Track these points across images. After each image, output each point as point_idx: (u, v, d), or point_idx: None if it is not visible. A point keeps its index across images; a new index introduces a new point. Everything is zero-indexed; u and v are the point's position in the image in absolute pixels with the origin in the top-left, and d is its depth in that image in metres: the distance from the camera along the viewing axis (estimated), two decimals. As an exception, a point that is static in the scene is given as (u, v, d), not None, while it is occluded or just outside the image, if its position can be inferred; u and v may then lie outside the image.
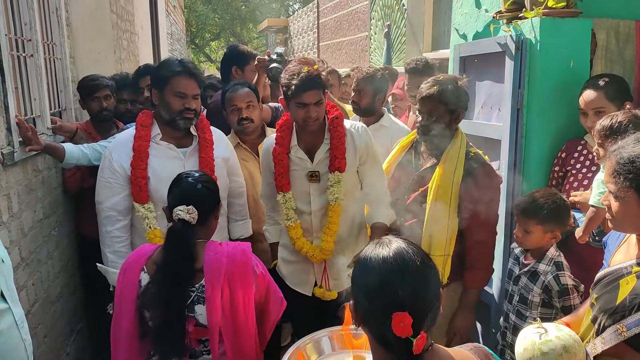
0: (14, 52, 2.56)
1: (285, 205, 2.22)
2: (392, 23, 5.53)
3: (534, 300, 2.00)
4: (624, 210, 1.33)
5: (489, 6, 2.67)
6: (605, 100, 2.10)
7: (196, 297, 1.60)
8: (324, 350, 1.55)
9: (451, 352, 1.07)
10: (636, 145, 1.31)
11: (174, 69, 2.19)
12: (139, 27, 6.50)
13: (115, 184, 2.19)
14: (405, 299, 0.96)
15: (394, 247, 1.01)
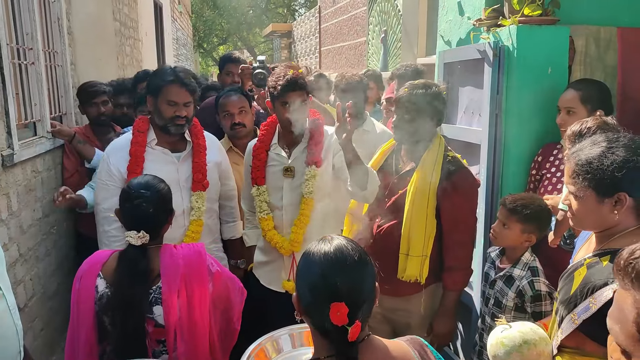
0: (16, 60, 2.69)
1: (259, 198, 2.33)
2: (388, 29, 5.63)
3: (508, 305, 2.04)
4: (583, 208, 1.39)
5: (471, 14, 2.74)
6: (578, 102, 2.16)
7: (154, 298, 1.68)
8: (283, 348, 1.61)
9: (387, 343, 1.14)
10: (592, 147, 1.37)
11: (166, 78, 2.27)
12: (143, 33, 6.64)
13: (112, 186, 2.28)
14: (342, 290, 1.04)
15: (335, 244, 1.10)
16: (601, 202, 1.34)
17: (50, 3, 3.30)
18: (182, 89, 2.27)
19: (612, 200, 1.33)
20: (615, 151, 1.32)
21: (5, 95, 2.40)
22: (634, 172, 1.29)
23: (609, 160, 1.31)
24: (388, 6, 5.64)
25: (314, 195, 2.28)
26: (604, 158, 1.32)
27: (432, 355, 1.18)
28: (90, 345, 1.67)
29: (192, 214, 2.33)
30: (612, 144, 1.34)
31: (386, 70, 5.56)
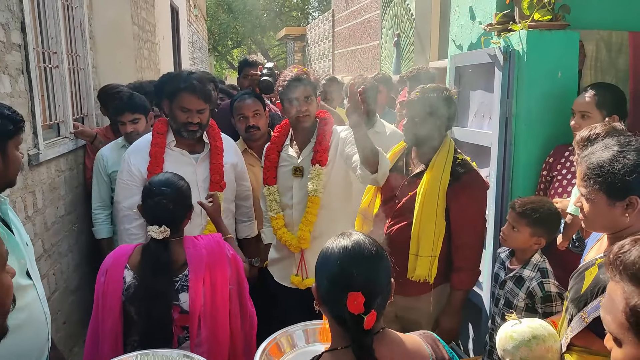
0: (41, 64, 2.80)
1: (269, 198, 2.42)
2: (401, 32, 5.68)
3: (519, 305, 2.06)
4: (595, 211, 1.42)
5: (482, 18, 2.79)
6: (593, 106, 2.17)
7: (180, 286, 1.77)
8: (297, 343, 1.68)
9: (402, 337, 1.20)
10: (604, 151, 1.40)
11: (181, 85, 2.32)
12: (160, 37, 6.78)
13: (132, 185, 2.36)
14: (359, 280, 1.10)
15: (353, 238, 1.17)
16: (612, 205, 1.37)
17: (74, 8, 3.42)
18: (195, 96, 2.32)
19: (623, 203, 1.35)
20: (626, 155, 1.35)
21: (32, 97, 2.51)
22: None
23: (620, 164, 1.33)
24: (401, 10, 5.69)
25: (320, 193, 2.35)
26: (615, 162, 1.35)
27: (444, 350, 1.23)
28: (116, 335, 1.75)
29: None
30: (624, 148, 1.37)
31: (399, 73, 5.61)
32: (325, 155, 2.34)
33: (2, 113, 1.55)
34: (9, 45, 2.33)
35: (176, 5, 8.91)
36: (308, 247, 2.40)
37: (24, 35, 2.47)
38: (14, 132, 1.57)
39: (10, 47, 2.35)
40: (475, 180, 2.27)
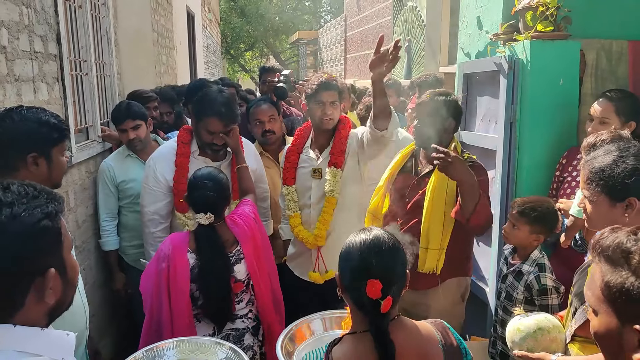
0: (73, 72, 3.00)
1: (288, 197, 2.57)
2: (412, 38, 5.82)
3: (518, 298, 2.19)
4: (597, 212, 1.51)
5: (489, 28, 2.93)
6: (612, 112, 2.24)
7: (235, 259, 2.08)
8: (315, 330, 1.85)
9: (416, 323, 1.34)
10: (605, 156, 1.50)
11: (208, 111, 2.39)
12: (177, 42, 6.99)
13: (158, 191, 2.48)
14: (377, 269, 1.25)
15: (373, 233, 1.33)
16: (613, 205, 1.46)
17: (101, 18, 3.62)
18: (222, 122, 2.41)
19: (623, 204, 1.45)
20: (626, 160, 1.45)
21: (65, 104, 2.70)
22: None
23: (620, 168, 1.44)
24: (412, 17, 5.83)
25: (337, 194, 2.49)
26: (616, 166, 1.45)
27: (453, 336, 1.36)
28: (189, 313, 1.98)
29: None
30: (624, 153, 1.47)
31: (410, 77, 5.75)
32: (341, 157, 2.48)
33: (49, 122, 1.65)
34: (46, 55, 2.52)
35: (192, 11, 9.14)
36: (324, 245, 2.55)
37: (59, 46, 2.66)
38: (59, 140, 1.68)
39: (48, 57, 2.54)
40: (480, 171, 2.35)
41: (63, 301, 1.01)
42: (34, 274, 0.93)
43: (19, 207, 0.91)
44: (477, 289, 2.90)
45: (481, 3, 3.01)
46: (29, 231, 0.91)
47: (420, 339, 1.31)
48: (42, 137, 1.61)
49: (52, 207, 0.97)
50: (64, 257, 0.99)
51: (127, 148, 2.95)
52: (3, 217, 0.89)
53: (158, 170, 2.48)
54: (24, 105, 1.70)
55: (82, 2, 3.18)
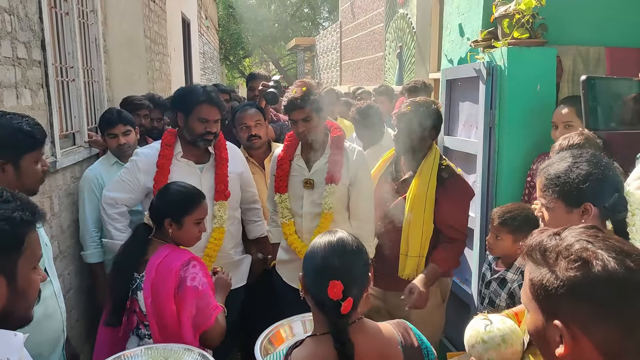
0: (59, 78, 3.03)
1: (281, 205, 2.55)
2: (403, 45, 5.86)
3: (501, 304, 2.19)
4: (554, 218, 1.49)
5: (470, 35, 2.96)
6: (574, 116, 2.33)
7: (137, 284, 1.93)
8: (295, 332, 1.87)
9: (378, 325, 1.36)
10: (560, 163, 1.52)
11: (199, 97, 2.45)
12: (172, 49, 7.03)
13: (128, 185, 2.49)
14: (339, 271, 1.27)
15: (337, 235, 1.35)
16: (570, 212, 1.47)
17: (89, 25, 3.66)
18: (213, 107, 2.47)
19: (579, 210, 1.45)
20: (579, 165, 1.46)
21: (50, 109, 2.73)
22: (596, 183, 1.42)
23: (574, 174, 1.45)
24: (403, 24, 5.88)
25: (334, 210, 2.49)
26: (570, 172, 1.46)
27: (414, 337, 1.38)
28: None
29: (214, 222, 2.51)
30: (577, 160, 1.49)
31: (401, 83, 5.79)
32: (339, 175, 2.47)
33: (21, 129, 1.62)
34: (30, 62, 2.55)
35: (187, 18, 9.20)
36: None
37: (43, 52, 2.69)
38: (30, 148, 1.64)
39: (32, 63, 2.57)
40: (459, 185, 2.45)
41: (10, 311, 1.00)
42: None
43: None
44: (460, 290, 2.92)
45: (463, 10, 3.05)
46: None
47: (381, 341, 1.33)
48: (9, 144, 1.60)
49: (19, 214, 0.99)
50: (17, 266, 0.99)
51: (112, 155, 2.91)
52: None
53: (140, 168, 2.49)
54: (6, 111, 1.70)
55: (69, 9, 3.22)
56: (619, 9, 2.71)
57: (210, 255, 2.51)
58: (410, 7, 5.67)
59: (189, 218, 1.99)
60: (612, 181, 1.45)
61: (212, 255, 2.51)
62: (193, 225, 2.01)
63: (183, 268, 1.89)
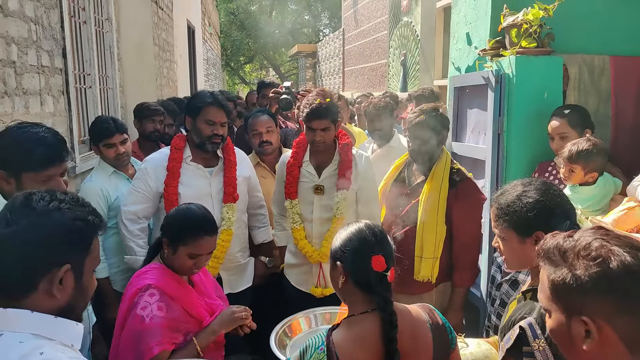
0: (77, 85, 3.11)
1: (292, 211, 2.61)
2: (407, 52, 5.96)
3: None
4: (508, 249, 1.50)
5: (477, 44, 3.04)
6: (568, 127, 2.43)
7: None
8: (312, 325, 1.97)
9: (406, 307, 1.45)
10: (510, 192, 1.54)
11: (206, 100, 2.50)
12: (178, 55, 7.14)
13: (143, 194, 2.49)
14: (377, 246, 1.40)
15: (362, 222, 1.48)
16: (522, 241, 1.46)
17: (104, 33, 3.74)
18: (220, 110, 2.51)
19: (532, 239, 1.44)
20: (528, 193, 1.47)
21: (70, 116, 2.81)
22: (544, 211, 1.42)
23: (522, 202, 1.44)
24: (407, 31, 5.98)
25: (345, 215, 2.56)
26: (519, 200, 1.46)
27: (439, 317, 1.48)
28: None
29: (222, 224, 2.53)
30: (526, 188, 1.50)
31: (405, 91, 5.88)
32: (349, 181, 2.55)
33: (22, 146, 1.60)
34: (52, 69, 2.63)
35: (192, 25, 9.31)
36: (326, 262, 2.61)
37: (64, 60, 2.78)
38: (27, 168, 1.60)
39: (54, 71, 2.65)
40: (470, 188, 2.52)
41: (73, 306, 1.07)
42: (53, 262, 1.03)
43: (66, 204, 1.07)
44: (470, 294, 2.98)
45: (470, 20, 3.13)
46: (65, 223, 1.05)
47: (411, 320, 1.42)
48: (8, 158, 1.61)
49: (92, 218, 1.10)
50: (84, 264, 1.08)
51: (108, 165, 2.74)
52: (51, 205, 1.06)
53: (149, 174, 2.49)
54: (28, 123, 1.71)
55: (87, 18, 3.31)
56: (623, 18, 2.79)
57: (218, 257, 2.54)
58: (414, 15, 5.77)
59: (183, 248, 1.83)
60: (561, 209, 1.45)
61: (219, 257, 2.55)
62: (186, 257, 1.84)
63: (139, 293, 1.79)
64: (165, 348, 1.74)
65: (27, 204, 1.06)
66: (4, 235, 1.02)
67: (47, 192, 1.10)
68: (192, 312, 1.84)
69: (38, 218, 1.04)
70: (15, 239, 1.01)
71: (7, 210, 1.05)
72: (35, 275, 1.02)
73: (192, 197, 2.43)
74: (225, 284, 2.63)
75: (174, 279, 1.86)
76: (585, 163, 2.21)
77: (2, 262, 1.01)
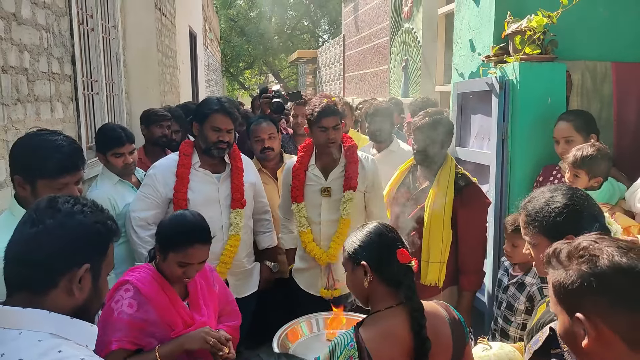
0: (85, 91, 3.14)
1: (299, 214, 2.64)
2: (409, 58, 6.00)
3: (519, 308, 2.26)
4: (539, 255, 1.46)
5: (481, 50, 3.08)
6: (573, 131, 2.47)
7: None
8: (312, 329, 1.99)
9: (424, 303, 1.49)
10: (539, 198, 1.55)
11: (213, 107, 2.51)
12: (180, 62, 7.18)
13: (153, 200, 2.49)
14: (398, 240, 1.49)
15: (374, 223, 1.54)
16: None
17: (111, 40, 3.78)
18: (226, 117, 2.52)
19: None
20: (556, 198, 1.50)
21: (79, 122, 2.84)
22: (573, 214, 1.45)
23: (551, 208, 1.47)
24: (409, 37, 6.03)
25: (352, 215, 2.59)
26: (547, 206, 1.48)
27: (454, 312, 1.53)
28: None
29: (230, 230, 2.57)
30: (554, 193, 1.53)
31: (407, 97, 5.92)
32: (356, 181, 2.60)
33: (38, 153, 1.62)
34: (62, 76, 2.67)
35: (194, 31, 9.36)
36: (336, 262, 2.64)
37: (73, 67, 2.81)
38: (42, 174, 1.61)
39: (64, 78, 2.68)
40: (475, 193, 2.56)
41: (88, 307, 1.11)
42: (74, 261, 1.07)
43: (88, 208, 1.13)
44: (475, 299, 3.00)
45: (473, 27, 3.17)
46: (87, 225, 1.10)
47: (431, 316, 1.46)
48: (24, 164, 1.64)
49: (110, 223, 1.15)
50: (101, 267, 1.13)
51: (113, 174, 2.69)
52: (75, 209, 1.12)
53: (159, 180, 2.51)
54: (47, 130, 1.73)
55: (94, 25, 3.34)
56: (625, 26, 2.84)
57: (225, 262, 2.56)
58: (415, 21, 5.82)
59: (173, 256, 1.79)
60: (590, 211, 1.47)
61: (227, 262, 2.57)
62: (175, 265, 1.80)
63: (118, 287, 1.77)
64: (124, 346, 1.70)
65: (53, 206, 1.11)
66: (30, 234, 1.07)
67: (70, 197, 1.16)
68: (165, 318, 1.77)
69: (64, 218, 1.09)
70: (41, 237, 1.06)
71: (32, 212, 1.11)
72: (58, 273, 1.06)
73: (200, 203, 2.48)
74: (231, 289, 2.64)
75: (157, 282, 1.81)
76: (589, 168, 2.24)
77: (29, 259, 1.06)
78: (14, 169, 1.65)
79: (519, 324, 2.27)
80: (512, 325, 2.28)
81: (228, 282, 2.63)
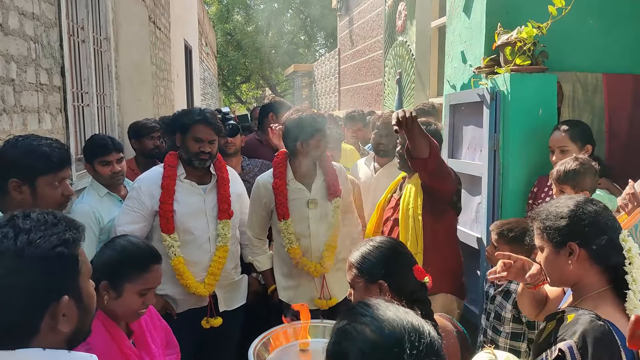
0: (75, 103, 3.12)
1: (287, 231, 2.57)
2: (403, 71, 6.03)
3: (506, 316, 2.26)
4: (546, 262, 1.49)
5: (472, 62, 3.09)
6: (568, 140, 2.45)
7: None
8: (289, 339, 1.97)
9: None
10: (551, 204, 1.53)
11: (194, 117, 2.49)
12: (175, 75, 7.19)
13: (138, 214, 2.44)
14: (412, 257, 1.56)
15: (383, 238, 1.59)
16: (557, 253, 1.45)
17: (102, 52, 3.78)
18: (208, 127, 2.48)
19: (565, 251, 1.42)
20: (564, 202, 1.48)
21: (67, 133, 2.82)
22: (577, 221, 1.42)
23: (557, 212, 1.45)
24: (402, 51, 6.06)
25: (340, 223, 2.59)
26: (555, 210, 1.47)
27: (459, 325, 1.56)
28: None
29: (218, 241, 2.53)
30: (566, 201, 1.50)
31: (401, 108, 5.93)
32: (339, 188, 2.61)
33: (36, 151, 1.65)
34: (51, 87, 2.65)
35: (189, 44, 9.40)
36: (329, 272, 2.61)
37: (63, 78, 2.79)
38: (45, 170, 1.64)
39: (52, 89, 2.67)
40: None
41: (80, 329, 1.01)
42: (48, 299, 0.94)
43: (36, 233, 0.94)
44: (467, 311, 2.96)
45: (465, 39, 3.18)
46: (45, 256, 0.93)
47: (443, 330, 1.44)
48: (24, 165, 1.63)
49: (70, 235, 0.97)
50: (80, 284, 1.00)
51: (101, 186, 2.62)
52: (19, 242, 0.92)
53: (144, 192, 2.46)
54: (33, 134, 1.76)
55: (86, 37, 3.34)
56: (616, 37, 2.85)
57: (214, 274, 2.51)
58: (409, 34, 5.86)
59: (130, 286, 1.61)
60: (597, 221, 1.42)
61: (216, 273, 2.52)
62: (136, 295, 1.62)
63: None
64: None
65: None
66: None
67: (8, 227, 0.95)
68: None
69: (11, 262, 0.91)
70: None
71: None
72: (33, 319, 0.93)
73: (186, 214, 2.46)
74: (220, 302, 2.61)
75: (104, 325, 1.59)
76: (574, 182, 2.18)
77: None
78: (7, 174, 1.62)
79: (507, 333, 2.26)
80: (502, 336, 2.26)
81: (217, 295, 2.60)
